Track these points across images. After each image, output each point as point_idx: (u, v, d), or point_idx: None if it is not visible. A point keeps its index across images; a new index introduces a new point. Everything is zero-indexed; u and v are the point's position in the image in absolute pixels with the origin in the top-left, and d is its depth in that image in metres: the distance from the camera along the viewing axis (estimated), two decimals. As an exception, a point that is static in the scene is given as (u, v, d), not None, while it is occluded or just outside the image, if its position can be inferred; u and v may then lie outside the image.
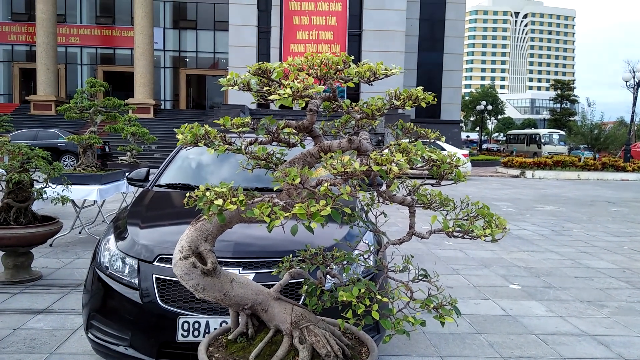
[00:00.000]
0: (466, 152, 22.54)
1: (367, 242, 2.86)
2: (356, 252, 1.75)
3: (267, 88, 1.26)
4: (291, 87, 1.20)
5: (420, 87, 1.43)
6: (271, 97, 1.25)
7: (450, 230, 1.29)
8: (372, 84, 1.42)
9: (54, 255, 6.13)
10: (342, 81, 1.37)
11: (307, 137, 1.50)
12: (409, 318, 1.30)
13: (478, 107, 51.72)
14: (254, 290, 1.35)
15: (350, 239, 2.99)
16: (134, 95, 28.73)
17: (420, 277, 1.42)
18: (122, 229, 3.24)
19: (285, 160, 1.47)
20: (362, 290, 1.25)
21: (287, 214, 1.09)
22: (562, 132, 38.87)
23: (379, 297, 1.24)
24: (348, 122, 1.53)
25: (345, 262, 1.48)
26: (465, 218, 1.33)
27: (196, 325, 2.68)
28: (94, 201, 7.02)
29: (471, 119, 70.16)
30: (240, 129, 1.31)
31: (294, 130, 1.42)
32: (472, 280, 5.60)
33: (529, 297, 5.04)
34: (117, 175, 7.28)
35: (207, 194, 1.13)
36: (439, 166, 1.27)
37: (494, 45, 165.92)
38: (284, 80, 1.26)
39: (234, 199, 1.10)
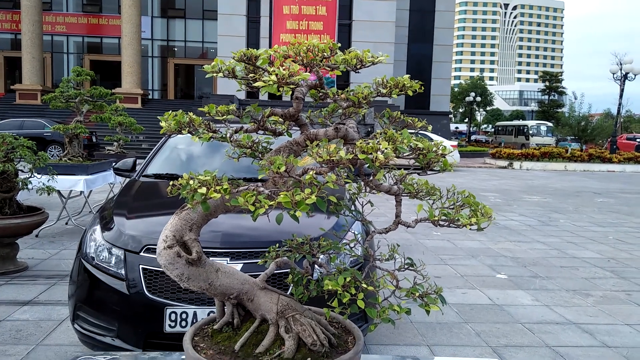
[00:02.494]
0: (455, 143, 22.65)
1: (354, 231, 2.87)
2: (343, 241, 1.75)
3: (252, 75, 1.25)
4: (276, 74, 1.18)
5: (407, 75, 1.43)
6: (256, 84, 1.23)
7: (436, 219, 1.29)
8: (359, 72, 1.41)
9: (40, 246, 6.08)
10: (329, 69, 1.36)
11: (294, 126, 1.49)
12: (395, 307, 1.30)
13: (467, 99, 51.92)
14: (239, 280, 1.34)
15: (338, 228, 3.00)
16: (122, 85, 28.42)
17: (406, 266, 1.42)
18: (108, 220, 3.21)
19: (271, 149, 1.46)
20: (348, 279, 1.25)
21: (271, 203, 1.08)
22: (550, 124, 39.20)
23: (364, 285, 1.24)
24: (335, 111, 1.52)
25: (331, 251, 1.48)
26: (452, 207, 1.33)
27: (183, 316, 2.67)
28: (81, 192, 6.95)
29: (460, 110, 70.44)
30: (225, 116, 1.30)
31: (280, 119, 1.41)
32: (460, 270, 5.64)
33: (516, 286, 5.09)
34: (103, 166, 7.21)
35: (191, 182, 1.12)
36: (425, 155, 1.27)
37: (483, 37, 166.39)
38: (269, 67, 1.24)
39: (218, 187, 1.09)
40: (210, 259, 2.70)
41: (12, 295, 4.38)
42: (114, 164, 4.96)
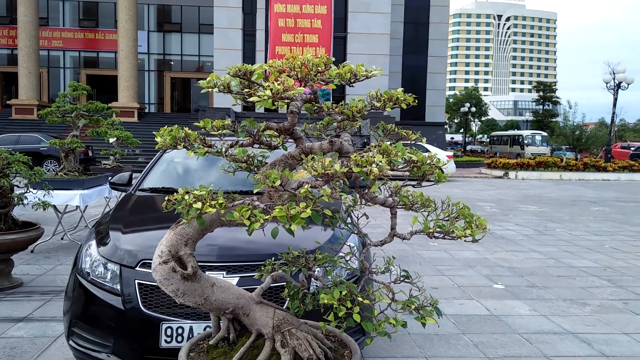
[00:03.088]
0: (450, 153, 22.71)
1: (351, 244, 2.88)
2: (339, 254, 1.75)
3: (247, 90, 1.26)
4: (271, 89, 1.20)
5: (400, 89, 1.45)
6: (251, 99, 1.24)
7: (431, 231, 1.30)
8: (352, 86, 1.43)
9: (35, 262, 6.04)
10: (323, 83, 1.38)
11: (289, 140, 1.50)
12: (391, 320, 1.31)
13: (462, 109, 52.19)
14: (235, 294, 1.34)
15: (334, 241, 3.00)
16: (118, 99, 28.45)
17: (402, 279, 1.42)
18: (103, 234, 3.21)
19: (266, 163, 1.46)
20: (344, 293, 1.25)
21: (267, 217, 1.09)
22: (545, 133, 39.39)
23: (360, 299, 1.25)
24: (330, 124, 1.54)
25: (327, 264, 1.48)
26: (446, 219, 1.34)
27: (180, 331, 2.65)
28: (77, 206, 6.92)
29: (455, 120, 70.71)
30: (220, 131, 1.31)
31: (275, 133, 1.42)
32: (457, 280, 5.64)
33: (513, 296, 5.09)
34: (99, 180, 7.19)
35: (186, 197, 1.12)
36: (420, 167, 1.28)
37: (478, 48, 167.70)
38: (264, 82, 1.26)
39: (213, 202, 1.10)
40: (206, 273, 2.72)
41: (6, 312, 4.34)
42: (110, 178, 4.95)
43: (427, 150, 20.08)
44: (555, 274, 6.02)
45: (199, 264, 2.72)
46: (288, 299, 1.43)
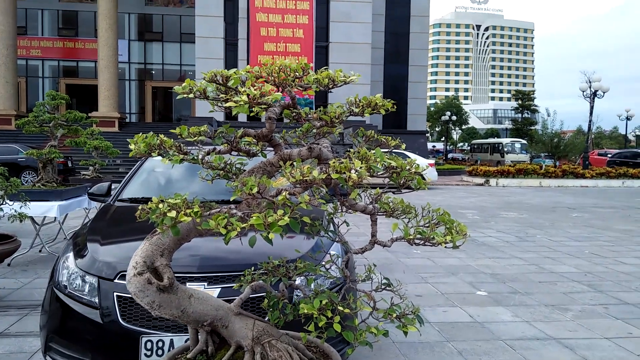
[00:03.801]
0: (432, 161, 22.91)
1: (332, 252, 2.85)
2: (321, 263, 1.73)
3: (223, 95, 1.24)
4: (248, 94, 1.18)
5: (379, 95, 1.44)
6: (227, 105, 1.22)
7: (411, 237, 1.29)
8: (331, 91, 1.42)
9: (12, 275, 5.88)
10: (302, 89, 1.37)
11: (268, 147, 1.48)
12: (372, 329, 1.29)
13: (443, 118, 52.77)
14: (213, 306, 1.31)
15: (316, 250, 2.97)
16: (98, 109, 28.13)
17: (383, 286, 1.41)
18: (81, 246, 3.13)
19: (245, 170, 1.44)
20: (324, 302, 1.23)
21: (243, 225, 1.07)
22: (524, 141, 39.99)
23: (340, 308, 1.23)
24: (310, 131, 1.52)
25: (308, 273, 1.46)
26: (427, 225, 1.33)
27: (160, 344, 2.59)
28: (55, 218, 6.78)
29: (437, 129, 71.49)
30: (196, 137, 1.28)
31: (253, 140, 1.40)
32: (440, 287, 5.65)
33: (496, 303, 5.11)
34: (78, 191, 7.07)
35: (160, 205, 1.09)
36: (399, 173, 1.27)
37: (457, 57, 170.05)
38: (240, 87, 1.24)
39: (188, 211, 1.07)
40: (187, 284, 2.68)
41: (-19, 327, 4.21)
42: (88, 189, 4.86)
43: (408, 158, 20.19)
44: (536, 280, 6.07)
45: (180, 275, 2.70)
46: (267, 309, 1.40)
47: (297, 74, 1.31)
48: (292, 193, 1.15)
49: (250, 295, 1.46)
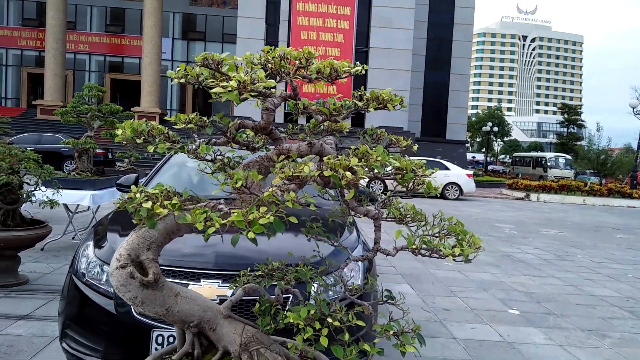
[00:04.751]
0: (471, 172, 22.36)
1: (354, 264, 2.71)
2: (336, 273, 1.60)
3: (212, 80, 1.13)
4: (238, 80, 1.06)
5: (389, 88, 1.30)
6: (214, 90, 1.11)
7: (416, 247, 1.14)
8: (333, 83, 1.29)
9: (44, 260, 6.00)
10: (305, 79, 1.24)
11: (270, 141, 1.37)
12: (365, 345, 1.15)
13: (484, 128, 51.63)
14: (201, 306, 1.20)
15: (336, 255, 2.80)
16: (140, 104, 28.82)
17: (385, 299, 1.27)
18: (101, 236, 3.12)
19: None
20: (312, 312, 1.10)
21: (224, 221, 0.95)
22: (569, 157, 38.68)
23: (330, 320, 1.09)
24: (317, 127, 1.40)
25: (329, 280, 1.33)
26: (436, 235, 1.19)
27: (171, 340, 2.55)
28: (88, 206, 6.90)
29: (477, 139, 70.08)
30: (186, 125, 1.18)
31: (252, 132, 1.29)
32: (470, 303, 5.41)
33: (528, 323, 4.85)
34: (111, 181, 7.15)
35: (138, 195, 0.99)
36: (404, 175, 1.13)
37: (502, 68, 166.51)
38: (231, 73, 1.12)
39: (166, 202, 0.96)
40: (202, 281, 2.60)
41: (8, 308, 4.28)
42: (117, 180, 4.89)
43: (446, 168, 19.78)
44: (574, 302, 5.75)
45: (194, 270, 2.62)
46: (259, 315, 1.28)
47: (300, 62, 1.19)
48: (284, 190, 1.03)
49: (245, 298, 1.34)
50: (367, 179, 1.09)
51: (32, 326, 3.92)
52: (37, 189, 5.07)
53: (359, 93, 1.29)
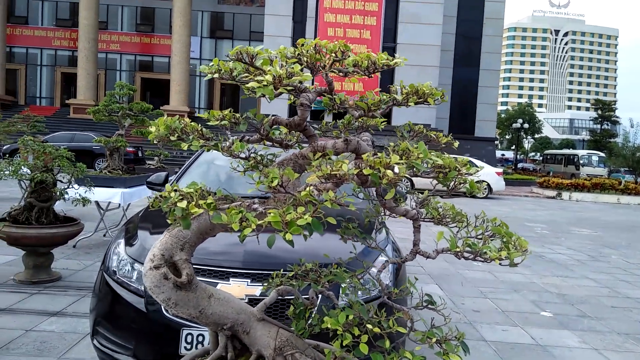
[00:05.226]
0: (500, 170, 21.95)
1: (379, 264, 2.65)
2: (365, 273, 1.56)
3: (246, 75, 1.11)
4: (273, 74, 1.04)
5: (428, 82, 1.26)
6: (249, 85, 1.09)
7: (459, 250, 1.10)
8: (371, 76, 1.25)
9: (75, 257, 6.13)
10: (340, 73, 1.21)
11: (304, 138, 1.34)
12: (406, 353, 1.11)
13: (514, 125, 50.63)
14: (235, 309, 1.18)
15: (365, 255, 2.75)
16: (169, 102, 29.25)
17: (425, 304, 1.22)
18: (132, 234, 3.15)
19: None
20: (351, 317, 1.07)
21: (260, 222, 0.93)
22: (602, 154, 37.61)
23: (369, 326, 1.06)
24: (351, 123, 1.36)
25: (344, 282, 1.30)
26: (479, 237, 1.14)
27: (200, 339, 2.55)
28: (119, 204, 7.02)
29: (507, 137, 68.78)
30: (220, 122, 1.16)
31: (287, 129, 1.26)
32: (501, 304, 5.30)
33: (561, 326, 4.72)
34: (142, 179, 7.26)
35: (172, 194, 0.98)
36: (446, 174, 1.08)
37: (533, 63, 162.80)
38: (265, 67, 1.10)
39: (201, 202, 0.94)
40: (230, 280, 2.59)
41: (41, 305, 4.38)
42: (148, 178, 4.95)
43: (475, 166, 19.45)
44: (609, 304, 5.57)
45: (223, 269, 2.62)
46: (293, 318, 1.26)
47: (335, 56, 1.16)
48: (321, 189, 0.99)
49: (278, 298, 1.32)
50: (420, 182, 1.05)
51: (64, 323, 4.00)
52: (70, 186, 5.18)
53: (397, 86, 1.25)
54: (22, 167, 4.98)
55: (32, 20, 35.83)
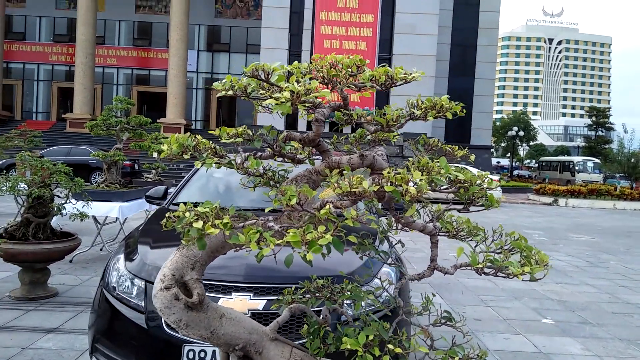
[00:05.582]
0: (496, 177, 22.01)
1: (384, 276, 2.63)
2: (366, 287, 1.55)
3: (263, 92, 1.11)
4: (291, 91, 1.03)
5: (446, 96, 1.26)
6: (267, 102, 1.09)
7: (480, 266, 1.09)
8: (388, 90, 1.25)
9: (72, 272, 6.09)
10: (355, 88, 1.21)
11: (316, 153, 1.33)
12: None
13: (509, 133, 50.85)
14: (247, 328, 1.17)
15: (367, 268, 2.75)
16: (166, 115, 29.27)
17: (443, 321, 1.21)
18: (132, 249, 3.12)
19: (288, 178, 1.30)
20: (371, 337, 1.05)
21: (279, 241, 0.92)
22: (597, 160, 37.75)
23: (391, 347, 1.04)
24: (363, 137, 1.36)
25: (356, 299, 1.28)
26: (498, 251, 1.13)
27: (202, 355, 2.51)
28: (116, 218, 6.99)
29: (502, 144, 69.04)
30: (233, 139, 1.15)
31: (299, 145, 1.25)
32: (502, 312, 5.28)
33: (563, 333, 4.70)
34: (140, 193, 7.25)
35: (187, 214, 0.97)
36: (468, 189, 1.07)
37: (527, 72, 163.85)
38: (283, 83, 1.10)
39: (217, 222, 0.93)
40: (233, 294, 2.57)
41: (38, 321, 4.34)
42: (146, 191, 4.93)
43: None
44: (610, 310, 5.56)
45: (225, 283, 2.60)
46: (307, 337, 1.24)
47: (351, 70, 1.16)
48: (338, 206, 0.98)
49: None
50: (431, 194, 1.04)
51: (61, 339, 3.95)
52: (68, 201, 5.16)
53: (417, 100, 1.25)
54: (20, 182, 4.96)
55: (29, 36, 35.93)
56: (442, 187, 1.11)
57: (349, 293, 1.27)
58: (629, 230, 13.93)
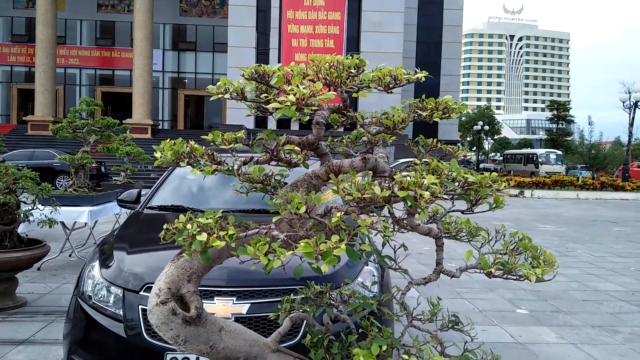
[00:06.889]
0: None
1: (367, 273, 2.63)
2: (353, 285, 1.53)
3: (265, 95, 1.07)
4: (295, 94, 1.00)
5: (449, 96, 1.26)
6: (270, 106, 1.05)
7: (492, 269, 1.08)
8: (391, 92, 1.23)
9: (41, 280, 5.88)
10: (355, 89, 1.19)
11: (312, 156, 1.31)
12: None
13: (475, 127, 51.85)
14: (247, 341, 1.13)
15: (349, 268, 2.73)
16: (132, 116, 28.64)
17: (450, 325, 1.20)
18: (107, 255, 3.02)
19: (285, 183, 1.26)
20: (384, 349, 1.02)
21: (289, 253, 0.88)
22: (560, 152, 38.88)
23: (405, 357, 1.02)
24: (359, 139, 1.34)
25: (360, 307, 1.25)
26: (504, 253, 1.13)
27: (185, 362, 2.46)
28: (85, 223, 6.79)
29: (468, 139, 70.33)
30: (232, 145, 1.11)
31: (296, 148, 1.22)
32: (478, 304, 5.37)
33: (538, 322, 4.82)
34: (109, 196, 7.07)
35: (189, 226, 0.92)
36: (477, 190, 1.06)
37: (490, 67, 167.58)
38: (285, 86, 1.06)
39: (222, 233, 0.90)
40: (215, 299, 2.51)
41: (7, 333, 4.17)
42: (118, 195, 4.80)
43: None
44: (580, 298, 5.73)
45: (207, 288, 2.54)
46: (310, 347, 1.21)
47: (351, 71, 1.14)
48: (347, 213, 0.96)
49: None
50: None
51: (32, 351, 3.81)
52: (35, 207, 4.98)
53: (416, 101, 1.23)
54: (-17, 189, 4.75)
55: (-15, 37, 34.63)
56: (449, 189, 1.10)
57: (356, 301, 1.24)
58: (593, 219, 14.39)
